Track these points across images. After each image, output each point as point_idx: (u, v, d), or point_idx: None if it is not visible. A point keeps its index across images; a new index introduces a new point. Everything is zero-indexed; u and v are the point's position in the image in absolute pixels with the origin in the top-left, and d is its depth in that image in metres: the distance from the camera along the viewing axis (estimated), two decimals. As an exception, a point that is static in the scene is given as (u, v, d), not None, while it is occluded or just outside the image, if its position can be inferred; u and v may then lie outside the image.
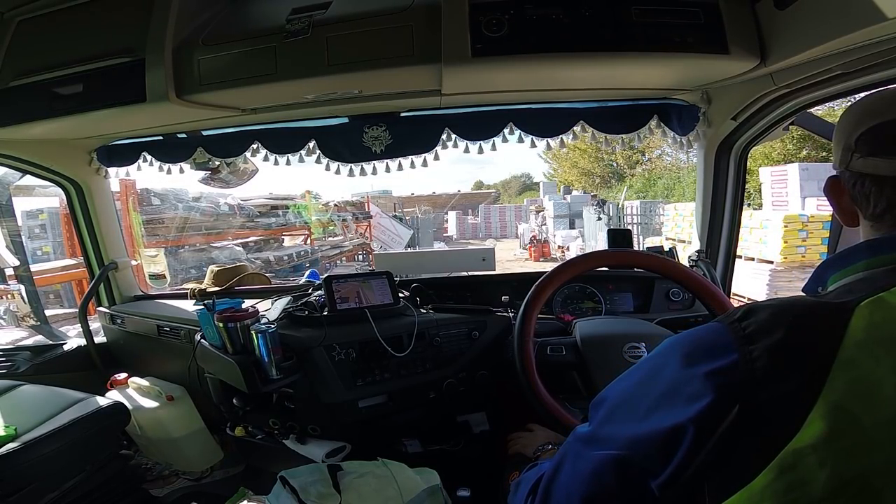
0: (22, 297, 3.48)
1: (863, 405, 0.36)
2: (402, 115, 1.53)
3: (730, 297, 1.32)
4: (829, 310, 0.41)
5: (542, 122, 1.48)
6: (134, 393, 1.85)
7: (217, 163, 1.71)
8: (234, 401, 1.44)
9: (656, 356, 0.49)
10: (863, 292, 0.41)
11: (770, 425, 0.38)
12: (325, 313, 1.40)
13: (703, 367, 0.42)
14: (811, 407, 0.36)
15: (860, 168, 0.50)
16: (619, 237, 1.54)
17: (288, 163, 1.63)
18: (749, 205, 8.84)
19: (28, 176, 1.89)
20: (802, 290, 0.54)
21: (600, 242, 9.49)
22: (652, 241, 7.66)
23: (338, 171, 1.62)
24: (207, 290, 1.91)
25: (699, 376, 0.42)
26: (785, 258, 5.39)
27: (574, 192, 16.64)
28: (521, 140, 1.51)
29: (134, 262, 2.13)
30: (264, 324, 1.29)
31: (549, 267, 1.20)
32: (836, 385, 0.36)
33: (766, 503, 0.37)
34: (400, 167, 1.59)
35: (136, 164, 1.76)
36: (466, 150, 1.55)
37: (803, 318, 0.41)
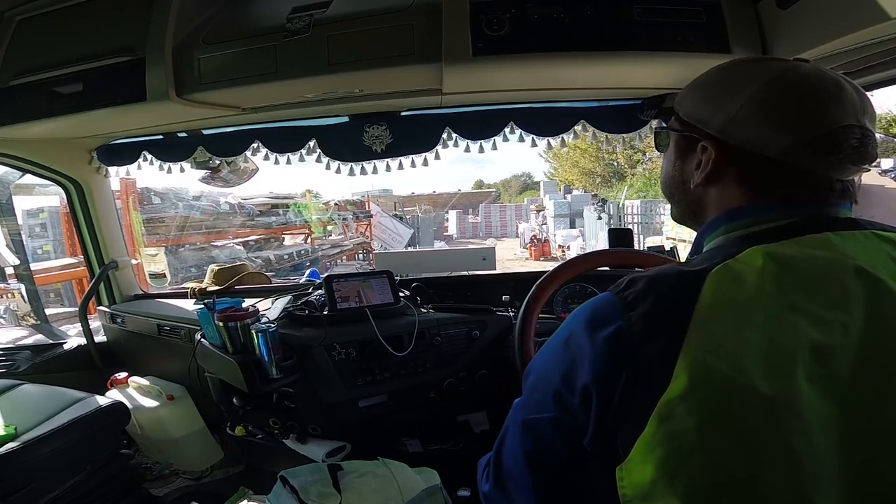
0: (22, 296, 3.47)
1: (713, 358, 0.41)
2: (403, 114, 1.53)
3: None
4: (689, 278, 0.46)
5: (543, 122, 1.48)
6: (134, 392, 1.85)
7: (217, 162, 1.71)
8: (235, 400, 1.44)
9: (566, 326, 0.54)
10: (716, 259, 0.47)
11: (650, 381, 0.43)
12: (326, 313, 1.40)
13: (599, 333, 0.48)
14: (676, 363, 0.42)
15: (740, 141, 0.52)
16: (620, 237, 1.54)
17: (288, 162, 1.63)
18: (750, 204, 8.80)
19: (28, 175, 1.89)
20: (689, 255, 0.61)
21: (601, 242, 9.49)
22: (653, 241, 7.66)
23: (338, 171, 1.62)
24: (208, 290, 1.91)
25: (598, 341, 0.47)
26: (785, 258, 5.38)
27: (575, 192, 16.62)
28: (521, 139, 1.52)
29: (134, 262, 2.13)
30: (264, 323, 1.28)
31: (549, 266, 1.19)
32: (692, 342, 0.42)
33: (658, 450, 0.41)
34: (400, 166, 1.59)
35: (136, 163, 1.77)
36: (467, 150, 1.55)
37: (668, 287, 0.47)
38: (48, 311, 3.89)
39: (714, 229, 0.55)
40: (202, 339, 1.43)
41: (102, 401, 1.55)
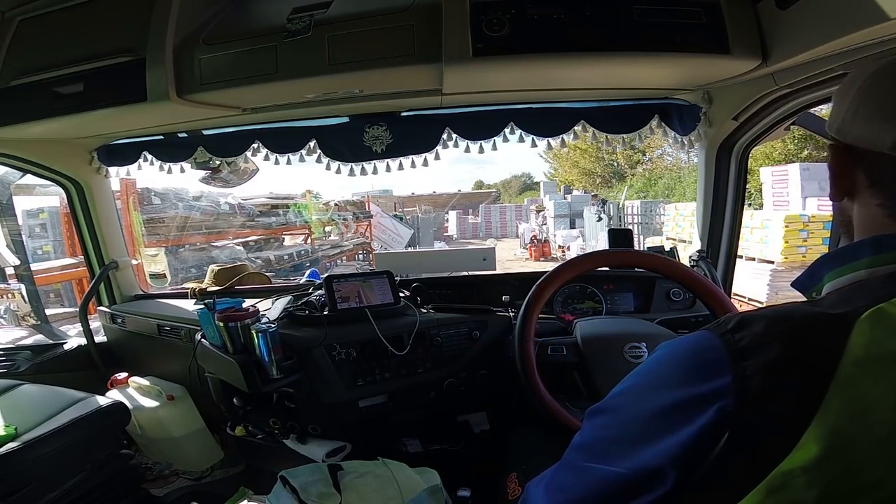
0: (22, 297, 3.47)
1: (858, 426, 0.35)
2: (403, 114, 1.53)
3: (730, 297, 1.32)
4: (829, 322, 0.39)
5: (543, 122, 1.48)
6: (134, 392, 1.85)
7: (218, 162, 1.71)
8: (235, 400, 1.44)
9: (653, 372, 0.47)
10: (861, 302, 0.39)
11: (762, 446, 0.37)
12: (326, 313, 1.40)
13: (697, 387, 0.41)
14: (805, 429, 0.35)
15: None
16: (620, 237, 1.54)
17: (288, 162, 1.63)
18: (750, 205, 8.83)
19: (29, 175, 1.89)
20: (792, 284, 0.52)
21: (601, 242, 9.49)
22: (652, 241, 7.66)
23: (338, 171, 1.62)
24: (208, 290, 1.91)
25: (694, 398, 0.41)
26: (786, 258, 5.38)
27: (575, 192, 16.60)
28: (521, 140, 1.51)
29: (134, 262, 2.13)
30: (265, 323, 1.29)
31: (549, 267, 1.20)
32: (832, 406, 0.35)
33: None
34: (400, 167, 1.59)
35: (136, 164, 1.77)
36: (467, 150, 1.55)
37: (800, 332, 0.39)
38: (48, 312, 3.89)
39: (851, 259, 0.45)
40: (202, 340, 1.43)
41: (102, 401, 1.55)
